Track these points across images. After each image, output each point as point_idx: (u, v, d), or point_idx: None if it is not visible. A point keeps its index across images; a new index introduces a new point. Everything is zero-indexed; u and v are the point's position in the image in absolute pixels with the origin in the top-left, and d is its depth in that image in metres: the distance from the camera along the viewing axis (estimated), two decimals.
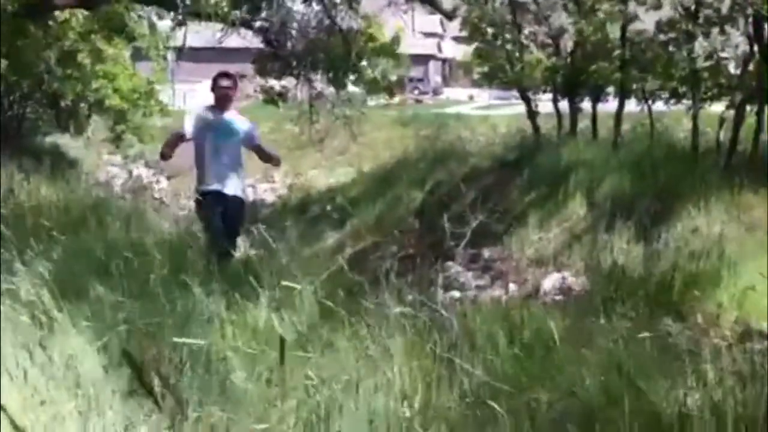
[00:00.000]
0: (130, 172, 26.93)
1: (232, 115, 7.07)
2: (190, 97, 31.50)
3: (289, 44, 11.96)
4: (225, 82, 7.06)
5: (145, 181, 26.10)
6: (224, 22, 11.80)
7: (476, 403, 2.97)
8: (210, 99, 7.05)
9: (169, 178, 28.42)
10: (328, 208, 18.16)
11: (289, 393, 2.82)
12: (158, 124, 22.37)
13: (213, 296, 3.81)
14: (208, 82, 7.26)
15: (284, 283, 4.02)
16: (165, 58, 23.33)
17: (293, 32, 11.89)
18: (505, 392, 3.09)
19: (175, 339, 3.06)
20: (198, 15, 11.43)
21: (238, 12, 11.56)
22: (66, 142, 22.11)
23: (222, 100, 6.96)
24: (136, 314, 3.49)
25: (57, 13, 14.11)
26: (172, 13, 11.84)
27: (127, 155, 28.32)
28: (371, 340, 3.24)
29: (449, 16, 13.09)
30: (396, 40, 16.49)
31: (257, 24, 12.31)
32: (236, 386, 2.87)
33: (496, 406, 2.71)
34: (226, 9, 11.26)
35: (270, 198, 23.60)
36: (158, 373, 2.76)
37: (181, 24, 11.62)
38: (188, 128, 6.78)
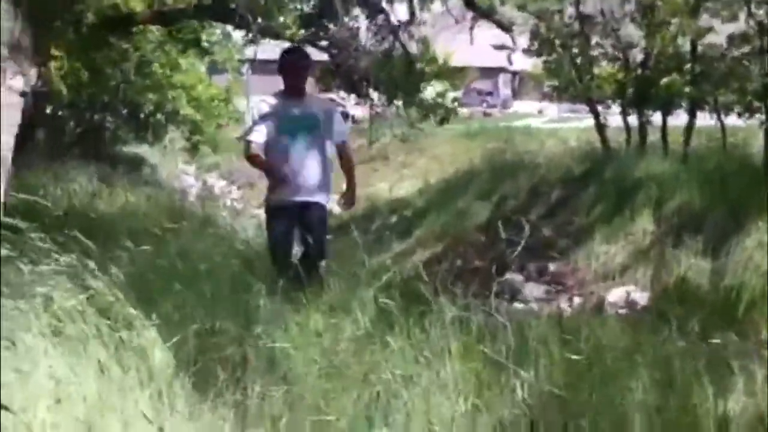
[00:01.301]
0: (204, 182, 27.71)
1: (311, 101, 5.76)
2: (264, 108, 32.09)
3: (351, 62, 12.20)
4: (294, 57, 5.72)
5: (217, 191, 26.86)
6: (291, 41, 12.15)
7: (527, 405, 3.08)
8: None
9: (239, 188, 29.16)
10: (394, 219, 18.37)
11: (349, 386, 2.98)
12: (232, 135, 23.03)
13: (276, 299, 3.99)
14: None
15: (345, 288, 4.23)
16: (240, 71, 23.98)
17: (357, 51, 12.11)
18: (556, 396, 3.21)
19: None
20: (268, 34, 11.79)
21: (303, 31, 11.88)
22: (144, 151, 22.89)
23: (295, 82, 5.57)
24: (203, 314, 3.71)
25: None
26: (243, 31, 12.25)
27: (201, 165, 29.15)
28: (427, 342, 3.40)
29: (506, 28, 13.15)
30: (447, 64, 16.68)
31: (323, 42, 12.56)
32: (298, 378, 3.04)
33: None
34: (294, 29, 11.62)
35: (337, 208, 23.92)
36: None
37: (252, 41, 12.02)
38: (258, 138, 5.56)
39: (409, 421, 2.80)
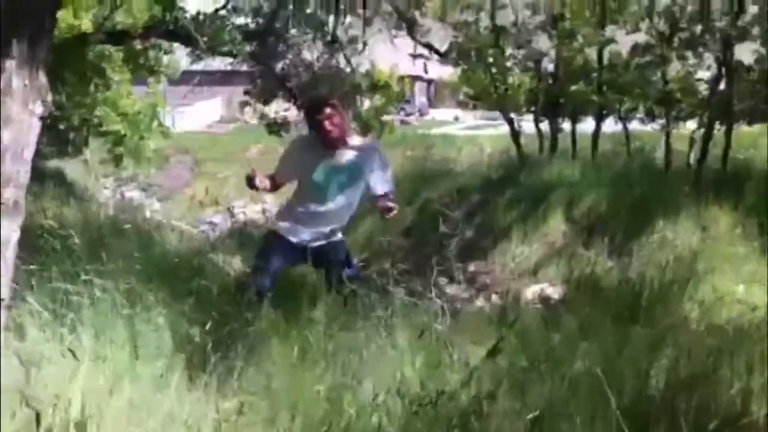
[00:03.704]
0: (122, 195, 27.54)
1: (353, 151, 5.68)
2: (179, 119, 32.23)
3: (293, 74, 12.68)
4: (329, 111, 5.55)
5: (137, 203, 26.80)
6: (236, 57, 12.58)
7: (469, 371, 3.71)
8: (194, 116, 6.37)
9: (160, 200, 29.11)
10: None
11: (319, 363, 3.56)
12: (151, 146, 23.09)
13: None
14: (198, 104, 6.69)
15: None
16: (159, 82, 24.07)
17: (299, 66, 12.58)
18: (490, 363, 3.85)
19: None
20: (213, 51, 12.26)
21: (248, 47, 12.33)
22: (66, 165, 22.79)
23: (329, 135, 5.52)
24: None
25: None
26: (189, 48, 12.68)
27: (119, 178, 28.91)
28: (381, 325, 4.00)
29: (443, 54, 13.79)
30: (390, 80, 17.32)
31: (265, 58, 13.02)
32: (276, 356, 3.60)
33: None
34: (239, 47, 12.07)
35: (262, 219, 24.24)
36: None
37: (199, 58, 12.42)
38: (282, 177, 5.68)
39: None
